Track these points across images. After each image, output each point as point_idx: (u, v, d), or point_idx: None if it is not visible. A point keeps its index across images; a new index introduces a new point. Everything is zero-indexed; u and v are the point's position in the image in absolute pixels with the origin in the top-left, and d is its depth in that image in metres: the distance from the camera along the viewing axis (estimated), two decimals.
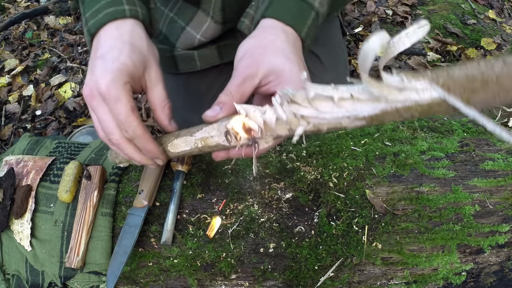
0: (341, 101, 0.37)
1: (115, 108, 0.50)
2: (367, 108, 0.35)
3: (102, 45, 0.53)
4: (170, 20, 0.94)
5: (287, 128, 0.41)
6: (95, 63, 0.51)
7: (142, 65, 0.53)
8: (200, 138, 0.51)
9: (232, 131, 0.47)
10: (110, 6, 0.55)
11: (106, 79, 0.49)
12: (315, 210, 0.71)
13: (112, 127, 0.51)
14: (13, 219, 0.70)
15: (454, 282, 0.70)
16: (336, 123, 0.38)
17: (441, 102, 0.32)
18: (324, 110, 0.38)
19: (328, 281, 0.69)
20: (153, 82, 0.55)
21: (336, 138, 0.80)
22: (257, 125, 0.43)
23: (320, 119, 0.38)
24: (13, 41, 2.07)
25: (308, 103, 0.38)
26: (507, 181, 0.73)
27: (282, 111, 0.40)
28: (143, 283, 0.70)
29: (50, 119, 1.62)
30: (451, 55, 1.59)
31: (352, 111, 0.36)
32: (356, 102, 0.36)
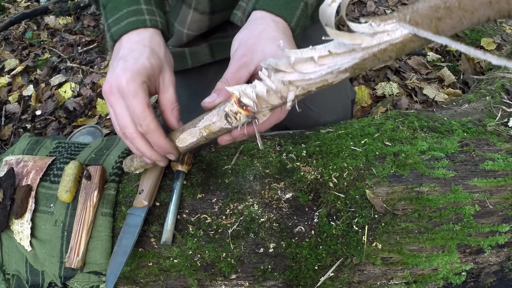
0: (321, 59, 0.38)
1: (132, 103, 0.54)
2: (346, 59, 0.37)
3: (124, 48, 0.57)
4: None
5: (279, 97, 0.43)
6: (117, 63, 0.55)
7: (158, 68, 0.58)
8: (204, 127, 0.53)
9: (231, 112, 0.49)
10: (132, 16, 0.59)
11: (126, 76, 0.53)
12: (315, 210, 0.71)
13: (127, 122, 0.55)
14: (13, 219, 0.70)
15: (454, 282, 0.70)
16: (322, 81, 0.40)
17: (412, 37, 0.34)
18: (308, 71, 0.39)
19: (328, 281, 0.69)
20: (165, 85, 0.60)
21: (336, 138, 0.80)
22: (251, 100, 0.46)
23: (306, 81, 0.40)
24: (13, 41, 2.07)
25: (291, 68, 0.40)
26: (507, 181, 0.73)
27: (270, 81, 0.43)
28: (143, 283, 0.70)
29: (50, 119, 1.62)
30: (451, 55, 1.59)
31: (334, 66, 0.38)
32: (335, 57, 0.38)
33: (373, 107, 1.43)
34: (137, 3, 0.61)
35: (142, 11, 0.60)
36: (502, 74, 1.03)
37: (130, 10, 0.60)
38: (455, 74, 1.50)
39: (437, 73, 1.50)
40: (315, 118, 1.00)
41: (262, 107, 0.46)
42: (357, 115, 1.42)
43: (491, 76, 1.06)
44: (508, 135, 0.82)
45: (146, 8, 0.61)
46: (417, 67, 1.55)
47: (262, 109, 0.46)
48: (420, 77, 1.51)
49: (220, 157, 0.78)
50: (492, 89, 0.97)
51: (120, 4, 0.61)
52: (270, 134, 0.87)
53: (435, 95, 1.42)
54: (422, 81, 1.49)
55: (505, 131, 0.82)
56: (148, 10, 0.60)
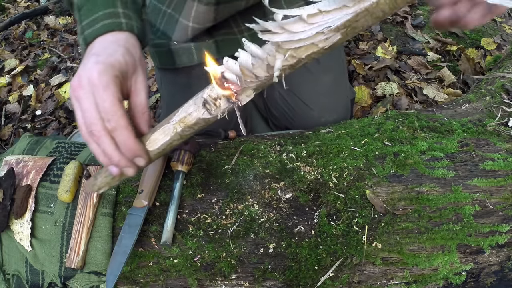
0: (311, 18, 0.36)
1: (102, 95, 0.50)
2: (337, 16, 0.35)
3: (97, 47, 0.55)
4: (168, 16, 0.94)
5: (265, 66, 0.39)
6: (88, 59, 0.52)
7: (132, 67, 0.54)
8: (178, 121, 0.48)
9: (210, 98, 0.45)
10: (107, 18, 0.57)
11: (98, 67, 0.50)
12: (315, 210, 0.71)
13: (95, 117, 0.50)
14: (13, 219, 0.70)
15: (454, 282, 0.70)
16: (312, 44, 0.37)
17: None
18: (298, 30, 0.37)
19: (328, 281, 0.69)
20: (138, 88, 0.56)
21: (336, 138, 0.80)
22: (235, 75, 0.41)
23: (295, 43, 0.37)
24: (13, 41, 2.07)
25: (280, 29, 0.37)
26: (507, 181, 0.73)
27: (256, 47, 0.39)
28: (143, 283, 0.70)
29: (50, 119, 1.62)
30: (451, 55, 1.59)
31: (324, 24, 0.35)
32: (325, 14, 0.35)
33: (373, 107, 1.43)
34: (113, 6, 0.58)
35: (118, 14, 0.58)
36: (502, 74, 1.03)
37: (106, 12, 0.57)
38: (455, 74, 1.50)
39: (437, 73, 1.50)
40: (315, 118, 1.00)
41: (246, 81, 0.41)
42: (357, 115, 1.42)
43: (491, 76, 1.06)
44: (508, 135, 0.82)
45: (122, 11, 0.58)
46: (417, 67, 1.55)
47: (247, 84, 0.42)
48: (420, 77, 1.51)
49: (220, 157, 0.78)
50: (492, 89, 0.97)
51: (95, 6, 0.58)
52: (270, 134, 0.87)
53: (435, 95, 1.42)
54: (422, 81, 1.49)
55: (505, 131, 0.82)
56: (124, 14, 0.58)
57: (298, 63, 0.39)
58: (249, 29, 0.95)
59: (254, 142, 0.81)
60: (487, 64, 1.50)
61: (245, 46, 0.40)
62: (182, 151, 0.74)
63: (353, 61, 1.59)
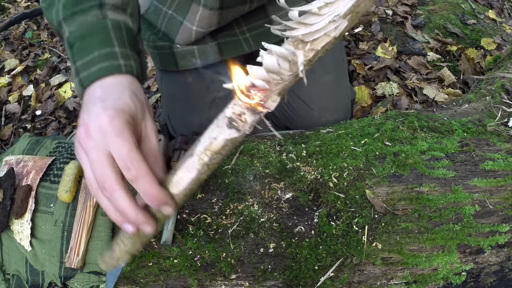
0: (321, 10, 0.39)
1: (117, 142, 0.44)
2: (342, 4, 0.38)
3: (99, 91, 0.50)
4: (169, 17, 0.94)
5: (289, 64, 0.40)
6: (93, 105, 0.47)
7: (141, 112, 0.50)
8: (203, 150, 0.44)
9: (235, 115, 0.42)
10: (104, 60, 0.52)
11: (108, 113, 0.45)
12: (315, 210, 0.71)
13: (108, 170, 0.44)
14: (13, 219, 0.70)
15: (454, 282, 0.70)
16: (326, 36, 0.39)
17: None
18: (312, 22, 0.39)
19: (328, 281, 0.69)
20: (148, 133, 0.51)
21: (336, 138, 0.80)
22: (262, 79, 0.40)
23: (314, 34, 0.39)
24: (13, 41, 2.07)
25: (298, 24, 0.39)
26: (507, 181, 0.73)
27: (278, 47, 0.40)
28: (143, 283, 0.70)
29: (50, 119, 1.62)
30: (451, 55, 1.59)
31: (333, 13, 0.38)
32: (331, 5, 0.39)
33: (373, 107, 1.43)
34: (109, 45, 0.53)
35: (115, 55, 0.52)
36: (502, 74, 1.03)
37: (102, 53, 0.52)
38: (455, 74, 1.50)
39: (437, 73, 1.50)
40: (315, 118, 1.00)
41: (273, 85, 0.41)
42: (357, 115, 1.42)
43: (491, 76, 1.06)
44: (508, 135, 0.82)
45: (120, 51, 0.53)
46: (417, 67, 1.55)
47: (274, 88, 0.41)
48: (420, 77, 1.51)
49: None
50: (492, 89, 0.97)
51: (89, 45, 0.53)
52: (270, 134, 0.87)
53: (435, 95, 1.42)
54: (422, 81, 1.49)
55: (505, 131, 0.83)
56: (122, 54, 0.53)
57: (314, 56, 0.40)
58: (250, 29, 0.96)
59: (254, 142, 0.81)
60: (487, 64, 1.50)
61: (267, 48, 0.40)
62: (182, 151, 0.74)
63: (353, 61, 1.59)
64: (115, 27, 0.55)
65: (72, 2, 0.56)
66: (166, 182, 0.47)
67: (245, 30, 0.95)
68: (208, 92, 1.00)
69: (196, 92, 0.99)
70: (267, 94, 0.41)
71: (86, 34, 0.54)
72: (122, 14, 0.58)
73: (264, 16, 0.96)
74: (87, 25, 0.54)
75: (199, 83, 0.98)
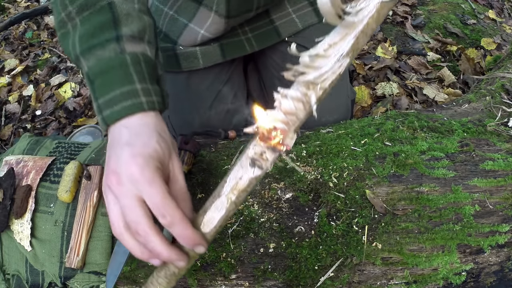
0: (327, 52, 0.43)
1: (150, 191, 0.46)
2: (344, 44, 0.43)
3: (126, 134, 0.50)
4: (170, 18, 0.94)
5: (303, 104, 0.44)
6: (121, 150, 0.48)
7: (168, 154, 0.51)
8: (230, 190, 0.47)
9: (257, 155, 0.46)
10: (126, 99, 0.52)
11: (137, 162, 0.46)
12: (315, 210, 0.71)
13: (140, 215, 0.46)
14: (13, 219, 0.70)
15: (454, 282, 0.70)
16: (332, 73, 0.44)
17: (382, 5, 0.42)
18: (321, 65, 0.43)
19: (328, 281, 0.69)
20: (176, 174, 0.52)
21: (336, 138, 0.80)
22: (281, 121, 0.44)
23: (323, 76, 0.43)
24: (13, 41, 2.07)
25: (308, 67, 0.43)
26: (507, 181, 0.73)
27: (293, 90, 0.44)
28: (143, 283, 0.70)
29: (50, 119, 1.62)
30: (451, 55, 1.59)
31: (338, 53, 0.43)
32: (334, 46, 0.43)
33: (373, 107, 1.43)
34: (130, 82, 0.53)
35: (137, 92, 0.53)
36: (502, 74, 1.03)
37: (123, 91, 0.52)
38: (455, 74, 1.50)
39: (437, 73, 1.50)
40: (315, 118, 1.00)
41: (291, 125, 0.44)
42: (357, 115, 1.42)
43: (491, 76, 1.06)
44: (508, 135, 0.82)
45: (141, 87, 0.53)
46: (417, 67, 1.55)
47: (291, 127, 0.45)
48: (420, 77, 1.51)
49: (220, 157, 0.78)
50: (492, 89, 0.97)
51: (110, 83, 0.53)
52: None
53: (435, 95, 1.42)
54: (422, 81, 1.49)
55: (505, 131, 0.83)
56: (143, 90, 0.53)
57: (324, 93, 0.44)
58: (253, 30, 0.96)
59: None
60: (487, 64, 1.50)
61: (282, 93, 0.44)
62: (182, 151, 0.74)
63: (353, 61, 1.59)
64: (134, 61, 0.54)
65: (88, 34, 0.55)
66: (198, 223, 0.50)
67: (247, 30, 0.96)
68: (209, 92, 1.00)
69: (197, 91, 0.99)
70: (285, 133, 0.45)
71: (105, 70, 0.54)
72: (140, 43, 0.57)
73: (266, 17, 0.96)
74: (105, 60, 0.54)
75: (199, 83, 0.98)
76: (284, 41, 1.00)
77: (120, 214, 0.48)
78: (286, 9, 0.98)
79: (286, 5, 0.97)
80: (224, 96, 1.01)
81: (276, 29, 0.98)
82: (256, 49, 0.98)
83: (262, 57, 1.06)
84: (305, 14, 0.99)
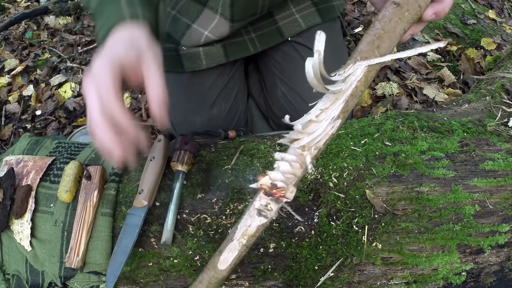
0: (319, 117, 0.48)
1: (100, 84, 0.51)
2: (335, 108, 0.48)
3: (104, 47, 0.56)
4: (173, 18, 0.94)
5: (300, 165, 0.49)
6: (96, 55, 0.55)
7: (137, 58, 0.54)
8: (241, 235, 0.55)
9: (262, 207, 0.52)
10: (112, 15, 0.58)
11: (98, 61, 0.53)
12: (315, 210, 0.71)
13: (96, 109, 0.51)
14: (13, 219, 0.70)
15: (454, 282, 0.70)
16: (325, 134, 0.48)
17: (369, 68, 0.47)
18: (313, 130, 0.48)
19: (328, 281, 0.69)
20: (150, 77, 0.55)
21: (336, 138, 0.80)
22: (281, 180, 0.50)
23: (316, 139, 0.48)
24: (13, 41, 2.07)
25: (302, 134, 0.48)
26: (507, 181, 0.73)
27: (289, 155, 0.49)
28: (143, 283, 0.70)
29: (50, 119, 1.62)
30: (451, 55, 1.59)
31: (329, 117, 0.48)
32: (326, 111, 0.48)
33: (373, 107, 1.43)
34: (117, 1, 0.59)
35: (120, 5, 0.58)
36: (502, 74, 1.03)
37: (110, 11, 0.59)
38: (455, 74, 1.50)
39: (437, 73, 1.50)
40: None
41: (290, 182, 0.50)
42: (357, 115, 1.42)
43: (491, 76, 1.06)
44: (508, 135, 0.82)
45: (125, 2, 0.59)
46: (417, 67, 1.55)
47: (290, 183, 0.51)
48: (420, 77, 1.51)
49: (220, 157, 0.78)
50: (492, 89, 0.97)
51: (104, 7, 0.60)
52: (270, 134, 0.87)
53: (435, 95, 1.42)
54: (422, 81, 1.49)
55: (505, 131, 0.83)
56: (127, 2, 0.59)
57: (318, 152, 0.49)
58: (256, 30, 0.96)
59: (254, 142, 0.81)
60: (487, 64, 1.50)
61: (278, 157, 0.50)
62: (182, 151, 0.74)
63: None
64: None
65: None
66: (215, 262, 0.57)
67: (250, 30, 0.96)
68: (211, 92, 0.99)
69: (198, 92, 0.99)
70: (286, 189, 0.51)
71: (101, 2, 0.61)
72: None
73: (269, 18, 0.96)
74: None
75: (201, 83, 0.98)
76: (286, 41, 1.00)
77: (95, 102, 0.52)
78: (290, 9, 0.98)
79: (290, 5, 0.97)
80: (225, 96, 1.01)
81: (279, 29, 0.98)
82: (259, 49, 0.97)
83: (264, 57, 1.06)
84: (308, 14, 0.99)
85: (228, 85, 1.01)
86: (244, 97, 1.09)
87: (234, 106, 1.04)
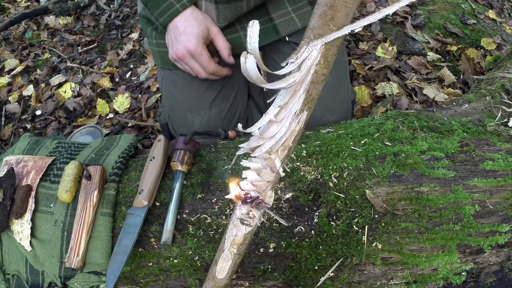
0: (277, 116, 0.43)
1: (201, 59, 0.85)
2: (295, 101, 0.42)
3: (180, 26, 0.85)
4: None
5: (270, 170, 0.47)
6: (180, 37, 0.84)
7: (206, 29, 0.86)
8: (230, 245, 0.55)
9: (244, 216, 0.52)
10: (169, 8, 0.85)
11: (192, 43, 0.83)
12: (315, 210, 0.71)
13: (201, 71, 0.87)
14: (13, 219, 0.70)
15: (454, 282, 0.70)
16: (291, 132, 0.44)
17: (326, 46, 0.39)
18: (275, 132, 0.44)
19: (328, 281, 0.69)
20: (215, 36, 0.87)
21: (336, 138, 0.80)
22: (251, 189, 0.49)
23: (281, 140, 0.44)
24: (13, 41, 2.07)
25: (262, 139, 0.44)
26: (507, 181, 0.73)
27: (254, 163, 0.46)
28: (143, 283, 0.70)
29: (50, 119, 1.62)
30: (451, 55, 1.59)
31: (290, 113, 0.43)
32: (285, 107, 0.43)
33: (373, 107, 1.43)
34: None
35: (173, 3, 0.85)
36: (502, 74, 1.03)
37: (166, 5, 0.85)
38: (455, 74, 1.50)
39: (437, 73, 1.50)
40: (316, 118, 1.00)
41: (263, 189, 0.49)
42: (357, 115, 1.42)
43: (491, 76, 1.06)
44: (508, 135, 0.82)
45: None
46: (417, 67, 1.55)
47: (265, 190, 0.49)
48: (420, 77, 1.51)
49: (220, 157, 0.78)
50: (492, 89, 0.97)
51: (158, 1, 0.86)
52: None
53: (435, 95, 1.42)
54: (422, 81, 1.49)
55: (505, 131, 0.82)
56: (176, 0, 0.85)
57: (290, 150, 0.45)
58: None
59: None
60: (487, 64, 1.50)
61: (244, 166, 0.47)
62: (182, 151, 0.74)
63: (353, 61, 1.59)
64: None
65: None
66: (213, 271, 0.58)
67: (247, 26, 0.95)
68: (210, 92, 0.99)
69: (198, 91, 0.99)
70: (262, 194, 0.50)
71: None
72: None
73: (266, 15, 0.96)
74: None
75: (200, 83, 0.98)
76: (284, 41, 1.00)
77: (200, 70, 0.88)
78: (286, 8, 0.98)
79: (286, 4, 0.97)
80: (224, 96, 1.01)
81: (275, 27, 0.98)
82: None
83: (263, 57, 1.06)
84: (304, 14, 0.99)
85: (227, 85, 1.01)
86: (244, 97, 1.09)
87: (234, 106, 1.04)
